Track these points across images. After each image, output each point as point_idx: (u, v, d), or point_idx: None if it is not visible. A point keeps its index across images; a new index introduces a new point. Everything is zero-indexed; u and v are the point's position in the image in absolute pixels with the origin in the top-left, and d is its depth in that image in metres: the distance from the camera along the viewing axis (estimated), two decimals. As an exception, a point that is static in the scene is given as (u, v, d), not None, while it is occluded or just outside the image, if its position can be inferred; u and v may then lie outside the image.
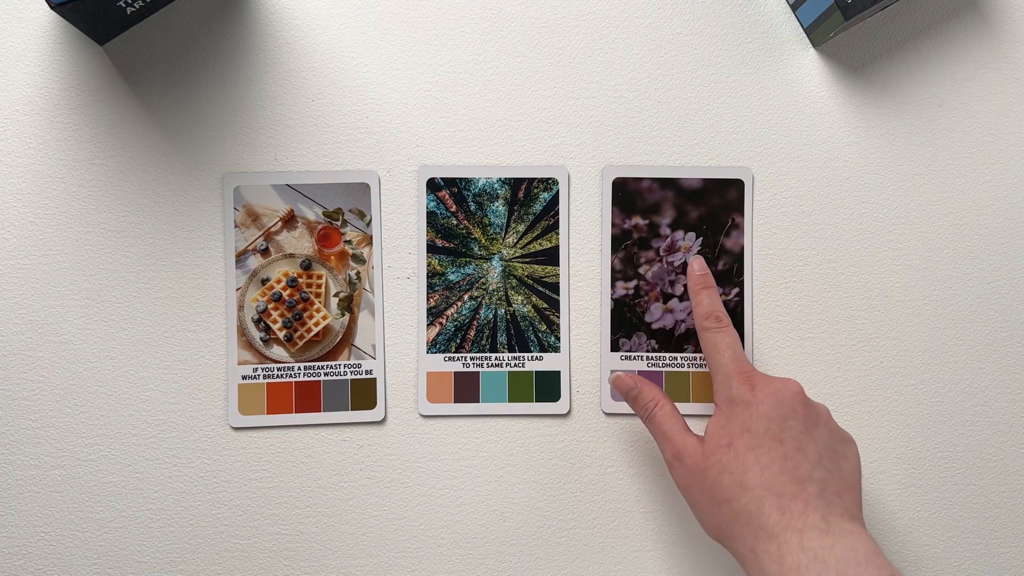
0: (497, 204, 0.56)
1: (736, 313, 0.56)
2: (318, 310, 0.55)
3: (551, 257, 0.56)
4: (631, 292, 0.56)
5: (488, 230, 0.56)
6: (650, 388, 0.52)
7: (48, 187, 0.55)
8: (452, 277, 0.56)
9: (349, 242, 0.56)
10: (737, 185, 0.56)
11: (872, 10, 0.54)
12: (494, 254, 0.56)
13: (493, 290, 0.56)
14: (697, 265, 0.54)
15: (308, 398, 0.55)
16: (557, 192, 0.56)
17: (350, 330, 0.56)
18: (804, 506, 0.44)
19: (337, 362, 0.55)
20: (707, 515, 0.48)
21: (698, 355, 0.56)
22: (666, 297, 0.56)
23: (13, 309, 0.54)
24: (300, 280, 0.55)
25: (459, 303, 0.56)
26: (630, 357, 0.56)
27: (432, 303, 0.56)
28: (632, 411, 0.55)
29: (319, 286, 0.55)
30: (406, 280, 0.56)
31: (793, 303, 0.56)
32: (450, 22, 0.56)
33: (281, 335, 0.55)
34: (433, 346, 0.56)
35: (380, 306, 0.56)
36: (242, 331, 0.55)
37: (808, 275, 0.57)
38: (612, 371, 0.52)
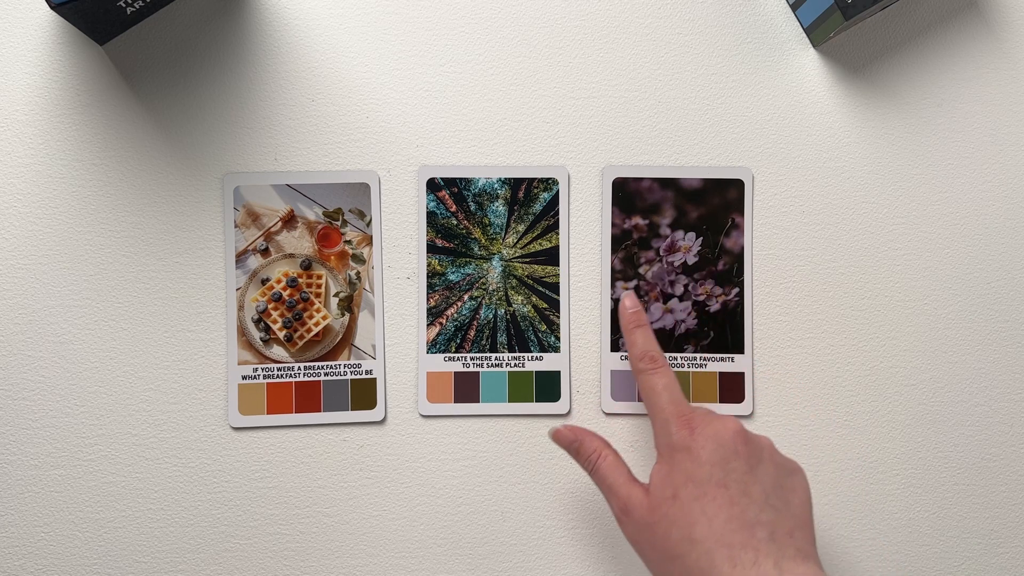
0: (497, 204, 0.56)
1: (736, 313, 0.56)
2: (318, 310, 0.55)
3: (551, 257, 0.56)
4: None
5: (488, 230, 0.56)
6: (591, 439, 0.50)
7: (48, 187, 0.55)
8: (452, 277, 0.56)
9: (349, 242, 0.56)
10: (737, 185, 0.56)
11: (872, 10, 0.54)
12: (494, 254, 0.56)
13: (493, 290, 0.56)
14: (629, 302, 0.53)
15: (308, 398, 0.55)
16: (557, 192, 0.56)
17: (350, 330, 0.56)
18: (755, 554, 0.43)
19: (337, 362, 0.55)
20: (659, 570, 0.46)
21: (698, 355, 0.56)
22: (666, 297, 0.56)
23: (13, 309, 0.54)
24: (300, 280, 0.55)
25: (459, 303, 0.56)
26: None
27: (432, 303, 0.56)
28: (636, 412, 0.55)
29: (319, 286, 0.55)
30: (406, 280, 0.56)
31: (793, 303, 0.56)
32: (450, 22, 0.56)
33: (281, 335, 0.55)
34: (433, 346, 0.56)
35: (380, 306, 0.56)
36: (242, 331, 0.55)
37: (808, 275, 0.57)
38: (551, 427, 0.51)
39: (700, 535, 0.44)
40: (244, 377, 0.55)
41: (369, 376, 0.55)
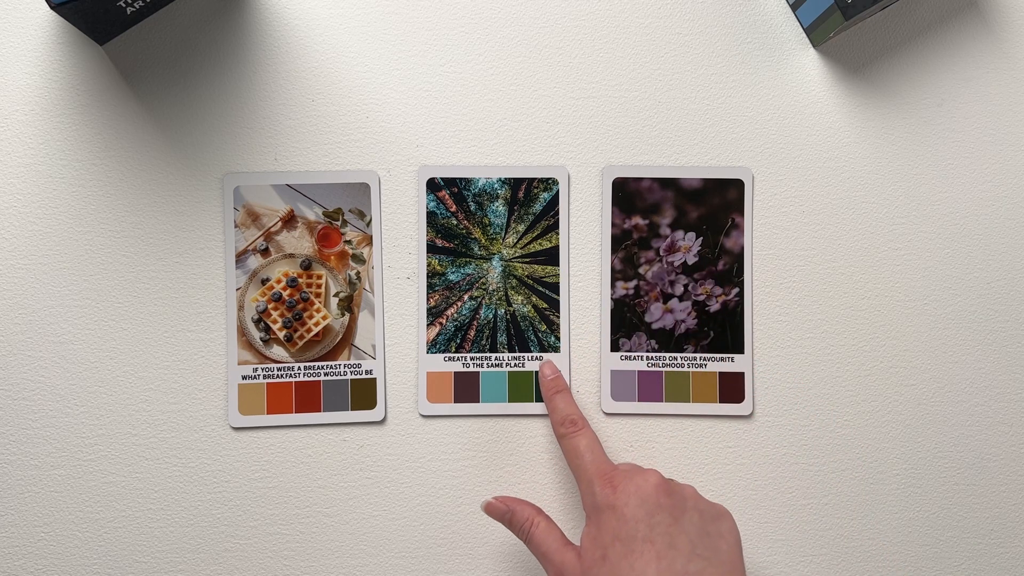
0: (497, 204, 0.56)
1: (736, 313, 0.56)
2: (318, 310, 0.55)
3: (551, 257, 0.56)
4: (631, 292, 0.56)
5: (488, 230, 0.56)
6: (523, 508, 0.51)
7: (48, 187, 0.55)
8: (452, 277, 0.56)
9: (349, 242, 0.56)
10: (737, 185, 0.56)
11: (872, 10, 0.54)
12: (494, 254, 0.56)
13: (493, 290, 0.56)
14: (548, 370, 0.54)
15: (308, 398, 0.55)
16: (557, 192, 0.56)
17: (350, 330, 0.56)
18: None
19: (337, 362, 0.55)
20: None
21: (698, 355, 0.56)
22: (666, 297, 0.56)
23: (13, 309, 0.54)
24: (300, 280, 0.55)
25: (459, 303, 0.56)
26: (630, 357, 0.56)
27: (432, 303, 0.56)
28: (636, 412, 0.55)
29: (319, 286, 0.55)
30: (406, 280, 0.56)
31: (793, 303, 0.56)
32: (450, 22, 0.56)
33: (281, 335, 0.55)
34: (433, 346, 0.56)
35: (380, 306, 0.56)
36: (242, 331, 0.55)
37: (808, 275, 0.57)
38: (483, 501, 0.52)
39: None
40: (244, 377, 0.55)
41: (369, 376, 0.55)
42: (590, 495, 0.48)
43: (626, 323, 0.56)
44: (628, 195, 0.56)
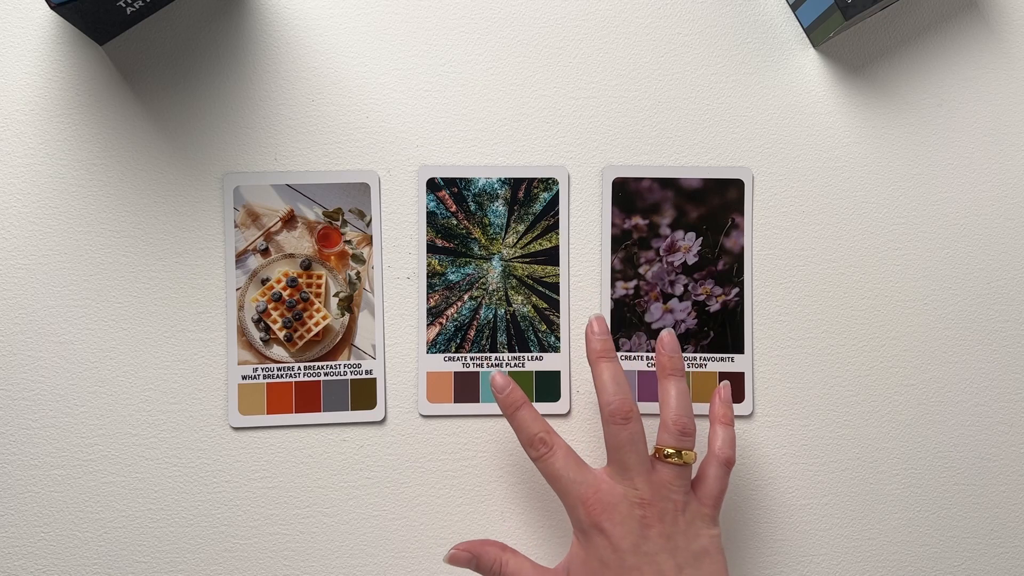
0: (497, 204, 0.56)
1: (736, 313, 0.56)
2: (318, 310, 0.55)
3: (551, 257, 0.56)
4: (631, 292, 0.56)
5: (488, 230, 0.56)
6: (487, 549, 0.50)
7: (48, 187, 0.55)
8: (452, 277, 0.56)
9: (349, 242, 0.56)
10: (737, 185, 0.56)
11: (872, 10, 0.54)
12: (494, 254, 0.56)
13: (493, 290, 0.56)
14: (501, 381, 0.50)
15: (308, 398, 0.55)
16: (557, 192, 0.56)
17: (350, 330, 0.56)
18: None
19: (337, 362, 0.55)
20: None
21: (698, 355, 0.56)
22: (666, 297, 0.56)
23: (13, 309, 0.54)
24: (300, 280, 0.55)
25: (459, 303, 0.56)
26: (630, 357, 0.56)
27: (432, 303, 0.56)
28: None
29: (319, 286, 0.55)
30: (406, 280, 0.56)
31: (793, 303, 0.56)
32: (450, 22, 0.56)
33: (281, 335, 0.55)
34: (433, 346, 0.56)
35: (380, 306, 0.56)
36: (242, 331, 0.55)
37: (808, 275, 0.57)
38: (446, 554, 0.50)
39: None
40: (244, 377, 0.55)
41: (369, 376, 0.55)
42: (576, 519, 0.48)
43: (626, 323, 0.56)
44: (628, 195, 0.56)
